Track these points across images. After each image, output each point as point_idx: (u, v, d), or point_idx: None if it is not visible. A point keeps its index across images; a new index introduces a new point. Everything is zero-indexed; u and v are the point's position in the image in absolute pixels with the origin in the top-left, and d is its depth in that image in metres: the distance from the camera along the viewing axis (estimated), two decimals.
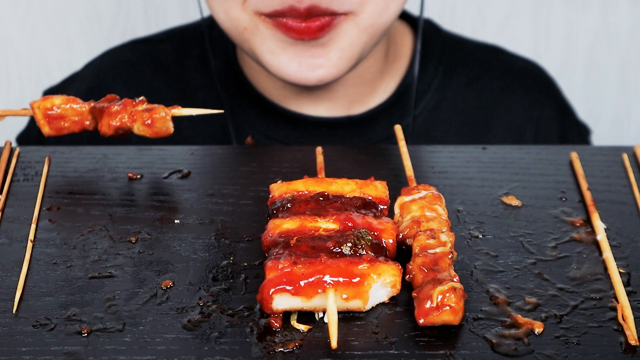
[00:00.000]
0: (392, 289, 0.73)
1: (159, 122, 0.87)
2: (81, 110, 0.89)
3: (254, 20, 1.01)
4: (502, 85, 1.23)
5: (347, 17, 1.01)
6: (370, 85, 1.17)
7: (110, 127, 0.88)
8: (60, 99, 0.89)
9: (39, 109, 0.89)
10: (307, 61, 1.01)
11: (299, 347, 0.69)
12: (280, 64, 1.02)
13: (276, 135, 1.16)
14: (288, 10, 0.97)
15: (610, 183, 0.88)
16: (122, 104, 0.88)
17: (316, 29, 0.98)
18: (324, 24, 0.98)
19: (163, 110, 0.87)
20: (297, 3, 0.96)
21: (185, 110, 0.89)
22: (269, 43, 1.02)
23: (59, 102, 0.89)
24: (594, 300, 0.74)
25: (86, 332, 0.71)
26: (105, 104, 0.88)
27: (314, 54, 1.01)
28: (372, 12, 1.01)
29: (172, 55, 1.22)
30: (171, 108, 0.88)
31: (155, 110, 0.87)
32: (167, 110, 0.88)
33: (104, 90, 1.21)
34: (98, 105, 0.89)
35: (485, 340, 0.70)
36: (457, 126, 1.20)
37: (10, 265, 0.78)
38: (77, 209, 0.85)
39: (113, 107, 0.88)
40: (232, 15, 1.03)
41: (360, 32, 1.03)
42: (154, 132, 0.88)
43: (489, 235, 0.82)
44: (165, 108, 0.88)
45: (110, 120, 0.88)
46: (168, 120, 0.87)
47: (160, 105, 0.88)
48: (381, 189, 0.81)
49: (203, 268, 0.78)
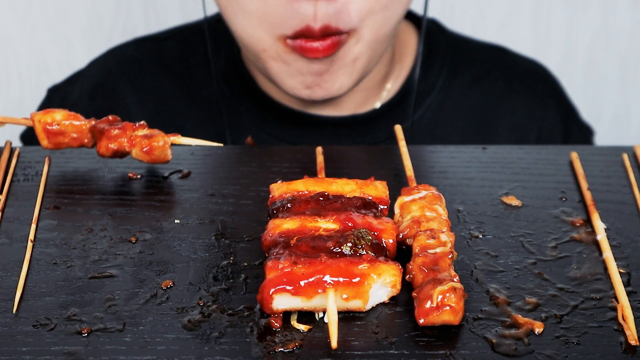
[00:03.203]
0: (392, 289, 0.73)
1: (157, 151, 0.87)
2: (81, 127, 0.89)
3: (276, 45, 1.05)
4: (506, 85, 1.23)
5: (350, 35, 1.04)
6: (376, 87, 1.18)
7: (108, 149, 0.88)
8: (61, 115, 0.89)
9: (39, 122, 0.88)
10: (316, 80, 1.06)
11: (299, 347, 0.69)
12: (293, 85, 1.07)
13: (280, 134, 1.16)
14: (305, 30, 1.02)
15: (610, 183, 0.88)
16: (122, 128, 0.88)
17: (329, 47, 1.03)
18: (334, 43, 1.03)
19: (162, 139, 0.87)
20: (313, 23, 1.01)
21: (185, 139, 0.89)
22: (289, 67, 1.06)
23: (60, 118, 0.89)
24: (594, 300, 0.74)
25: (86, 332, 0.71)
26: (106, 125, 0.88)
27: (322, 72, 1.06)
28: (371, 27, 1.04)
29: (177, 54, 1.22)
30: (170, 135, 0.88)
31: (155, 138, 0.87)
32: (166, 138, 0.88)
33: (108, 88, 1.21)
34: (99, 125, 0.88)
35: (485, 340, 0.70)
36: (461, 126, 1.20)
37: (10, 265, 0.78)
38: (77, 209, 0.85)
39: (113, 130, 0.88)
40: (255, 36, 1.06)
41: (363, 48, 1.05)
42: (152, 159, 0.88)
43: (489, 235, 0.82)
44: (164, 136, 0.88)
45: (109, 143, 0.88)
46: (167, 148, 0.88)
47: (159, 133, 0.88)
48: (381, 189, 0.81)
49: (203, 268, 0.78)
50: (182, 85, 1.20)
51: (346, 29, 1.02)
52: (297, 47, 1.03)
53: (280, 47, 1.04)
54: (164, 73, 1.21)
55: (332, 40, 1.02)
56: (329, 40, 1.02)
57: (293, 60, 1.05)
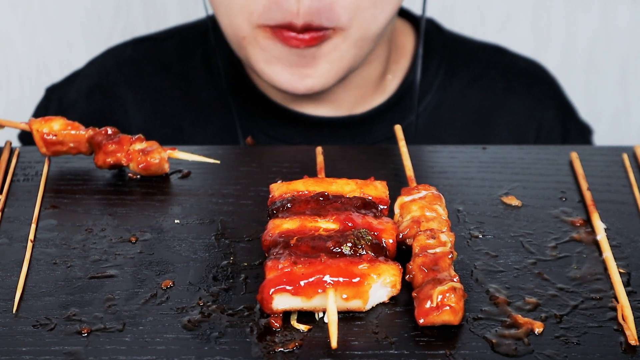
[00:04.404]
0: (392, 289, 0.73)
1: (153, 167, 0.87)
2: (79, 137, 0.88)
3: (255, 32, 1.05)
4: (504, 84, 1.23)
5: (336, 32, 1.04)
6: (372, 87, 1.17)
7: (105, 162, 0.88)
8: (59, 124, 0.88)
9: (37, 131, 0.88)
10: (298, 71, 1.06)
11: (299, 347, 0.69)
12: (273, 72, 1.07)
13: (278, 134, 1.16)
14: (287, 24, 1.02)
15: (610, 183, 0.88)
16: (119, 142, 0.87)
17: (310, 40, 1.03)
18: (317, 37, 1.03)
19: (158, 156, 0.87)
20: (295, 19, 1.01)
21: (182, 154, 0.88)
22: (266, 53, 1.05)
23: (58, 128, 0.88)
24: (594, 300, 0.74)
25: (86, 332, 0.71)
26: (104, 139, 0.88)
27: (304, 65, 1.05)
28: (359, 26, 1.04)
29: (175, 54, 1.22)
30: (167, 149, 0.88)
31: (151, 154, 0.87)
32: (163, 153, 0.87)
33: (106, 88, 1.21)
34: (96, 137, 0.88)
35: (485, 340, 0.70)
36: (459, 126, 1.20)
37: (10, 265, 0.78)
38: (77, 209, 0.85)
39: (110, 145, 0.87)
40: (234, 24, 1.06)
41: (350, 46, 1.05)
42: (148, 173, 0.88)
43: (489, 235, 0.82)
44: (160, 151, 0.87)
45: (106, 157, 0.88)
46: (163, 164, 0.87)
47: (156, 147, 0.87)
48: (381, 189, 0.81)
49: (203, 268, 0.78)
50: (180, 86, 1.20)
51: (331, 26, 1.02)
52: (277, 35, 1.03)
53: (260, 33, 1.04)
54: (162, 73, 1.21)
55: (314, 35, 1.02)
56: (312, 34, 1.02)
57: (272, 47, 1.04)
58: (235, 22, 1.05)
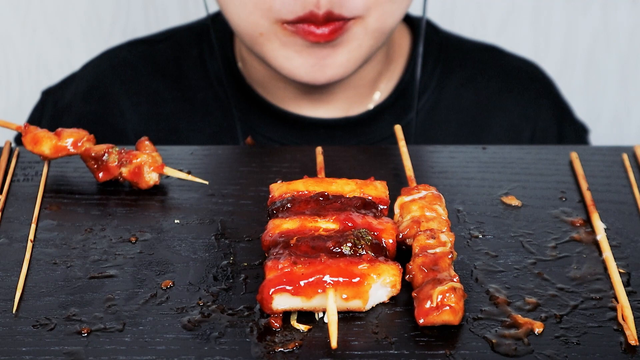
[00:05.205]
0: (392, 289, 0.73)
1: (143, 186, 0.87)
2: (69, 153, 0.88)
3: (274, 28, 1.04)
4: (499, 84, 1.23)
5: (356, 22, 1.04)
6: (369, 87, 1.17)
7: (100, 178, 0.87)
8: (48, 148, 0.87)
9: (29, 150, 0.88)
10: (318, 62, 1.05)
11: (299, 347, 0.69)
12: (293, 67, 1.06)
13: (274, 136, 1.16)
14: (308, 15, 1.02)
15: (610, 183, 0.88)
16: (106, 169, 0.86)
17: (331, 32, 1.03)
18: (337, 28, 1.03)
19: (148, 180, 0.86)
20: (316, 9, 1.01)
21: (172, 171, 0.87)
22: (287, 49, 1.05)
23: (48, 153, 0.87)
24: (594, 300, 0.74)
25: (86, 332, 0.71)
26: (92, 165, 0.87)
27: (325, 56, 1.05)
28: (378, 17, 1.04)
29: (170, 56, 1.22)
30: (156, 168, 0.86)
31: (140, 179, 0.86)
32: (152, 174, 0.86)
33: (102, 90, 1.21)
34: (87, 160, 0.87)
35: (485, 340, 0.70)
36: (455, 126, 1.20)
37: (10, 265, 0.78)
38: (77, 209, 0.85)
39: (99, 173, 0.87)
40: (250, 21, 1.05)
41: (367, 36, 1.06)
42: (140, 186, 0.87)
43: (489, 235, 0.82)
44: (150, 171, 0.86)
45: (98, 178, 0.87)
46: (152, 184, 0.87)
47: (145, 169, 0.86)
48: (381, 189, 0.81)
49: (203, 268, 0.78)
50: (176, 88, 1.20)
51: (350, 16, 1.03)
52: (298, 31, 1.03)
53: (279, 29, 1.04)
54: (157, 75, 1.21)
55: (335, 26, 1.02)
56: (332, 26, 1.02)
57: (292, 43, 1.05)
58: (251, 19, 1.05)
